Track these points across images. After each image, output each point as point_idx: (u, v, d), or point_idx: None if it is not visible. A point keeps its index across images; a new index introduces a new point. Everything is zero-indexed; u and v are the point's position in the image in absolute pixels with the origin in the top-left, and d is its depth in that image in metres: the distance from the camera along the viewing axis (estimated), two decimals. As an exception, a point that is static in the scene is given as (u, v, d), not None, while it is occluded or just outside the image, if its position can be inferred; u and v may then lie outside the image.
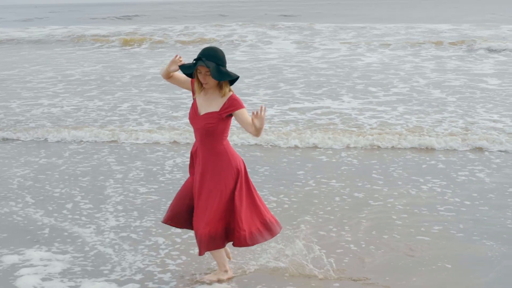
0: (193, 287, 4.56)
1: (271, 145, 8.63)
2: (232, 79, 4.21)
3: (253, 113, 4.10)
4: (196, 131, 4.33)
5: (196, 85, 4.29)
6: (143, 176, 7.40)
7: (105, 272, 4.84)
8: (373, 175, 7.20)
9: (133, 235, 5.57)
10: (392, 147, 8.36)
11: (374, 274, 4.64)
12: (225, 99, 4.22)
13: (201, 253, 4.38)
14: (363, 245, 5.21)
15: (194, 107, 4.34)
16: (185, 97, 12.33)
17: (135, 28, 32.33)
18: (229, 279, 4.57)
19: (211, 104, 4.26)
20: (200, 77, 4.21)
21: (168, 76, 4.45)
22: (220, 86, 4.23)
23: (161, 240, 5.45)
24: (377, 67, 16.45)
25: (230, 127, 4.43)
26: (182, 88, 4.53)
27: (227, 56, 4.32)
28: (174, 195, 6.46)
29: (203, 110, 4.28)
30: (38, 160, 8.21)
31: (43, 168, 7.81)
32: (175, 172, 7.55)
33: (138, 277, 4.76)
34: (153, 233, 5.63)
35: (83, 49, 23.83)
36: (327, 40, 23.42)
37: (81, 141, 9.19)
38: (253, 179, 7.07)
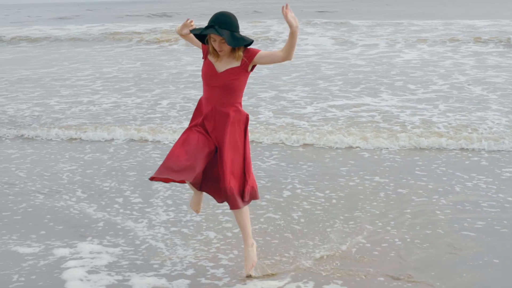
0: (246, 283, 4.56)
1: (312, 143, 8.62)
2: (248, 43, 4.20)
3: (283, 10, 4.10)
4: (213, 89, 4.32)
5: (210, 49, 4.28)
6: None
7: (155, 266, 4.89)
8: (416, 172, 7.20)
9: (184, 230, 5.63)
10: (438, 148, 8.26)
11: (417, 271, 4.62)
12: (240, 57, 4.24)
13: (240, 205, 4.44)
14: (408, 240, 5.22)
15: (209, 66, 4.33)
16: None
17: (172, 25, 32.55)
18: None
19: (229, 63, 4.29)
20: (215, 45, 4.20)
21: (180, 35, 4.65)
22: (234, 50, 4.25)
23: (212, 234, 5.51)
24: (416, 63, 16.30)
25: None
26: (193, 45, 4.60)
27: None
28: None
29: (221, 68, 4.29)
30: (83, 156, 8.36)
31: (89, 163, 7.95)
32: None
33: (189, 272, 4.78)
34: (204, 227, 5.69)
35: (121, 46, 24.11)
36: (365, 37, 23.27)
37: (125, 138, 9.31)
38: (297, 174, 7.28)
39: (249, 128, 4.58)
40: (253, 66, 4.31)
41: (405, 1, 61.60)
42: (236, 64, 4.26)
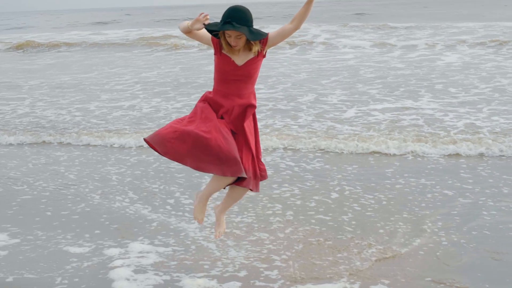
0: (301, 286, 4.56)
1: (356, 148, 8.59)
2: (266, 36, 4.25)
3: None
4: (233, 82, 4.33)
5: (224, 44, 4.26)
6: None
7: (206, 267, 4.94)
8: (461, 174, 7.18)
9: (236, 231, 5.70)
10: (481, 154, 8.12)
11: (461, 275, 4.60)
12: (257, 49, 4.30)
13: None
14: (455, 241, 5.24)
15: (227, 60, 4.31)
16: (264, 97, 12.47)
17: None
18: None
19: (247, 55, 4.32)
20: (230, 40, 4.18)
21: (187, 31, 4.34)
22: (248, 42, 4.26)
23: (264, 235, 5.56)
24: (457, 66, 16.12)
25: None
26: (200, 42, 4.46)
27: (302, 57, 4.42)
28: (268, 191, 6.78)
29: (241, 61, 4.31)
30: (129, 158, 8.52)
31: (136, 166, 8.09)
32: (268, 169, 7.65)
33: (242, 273, 4.81)
34: (256, 228, 5.75)
35: (160, 50, 24.40)
36: (404, 39, 23.11)
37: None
38: (343, 176, 7.33)
39: (290, 132, 4.66)
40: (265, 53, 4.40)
41: (443, 3, 60.95)
42: (254, 54, 4.32)
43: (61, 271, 4.93)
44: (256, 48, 4.27)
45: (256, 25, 4.28)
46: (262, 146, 8.53)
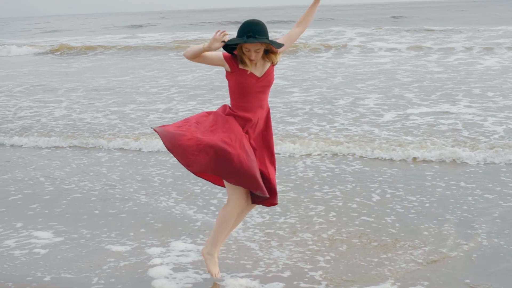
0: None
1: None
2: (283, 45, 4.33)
3: None
4: (255, 95, 4.37)
5: (242, 58, 4.29)
6: (277, 176, 7.66)
7: (248, 267, 4.98)
8: (501, 178, 7.16)
9: (280, 232, 5.74)
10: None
11: (499, 282, 4.55)
12: (276, 58, 4.39)
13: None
14: (495, 242, 5.25)
15: (246, 75, 4.33)
16: (300, 100, 12.51)
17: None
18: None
19: (264, 66, 4.40)
20: (250, 54, 4.22)
21: (197, 55, 4.32)
22: (265, 54, 4.35)
23: (307, 236, 5.61)
24: (495, 70, 15.95)
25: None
26: (209, 65, 4.47)
27: (338, 60, 4.47)
28: (310, 193, 6.86)
29: (260, 72, 4.39)
30: (169, 159, 8.62)
31: (176, 167, 8.18)
32: (308, 171, 7.82)
33: (285, 274, 4.83)
34: (299, 229, 5.80)
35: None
36: (441, 43, 22.92)
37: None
38: (382, 178, 7.37)
39: (328, 136, 4.69)
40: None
41: (480, 6, 60.18)
42: (269, 64, 4.41)
43: (98, 271, 4.99)
44: (278, 58, 4.39)
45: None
46: (300, 149, 8.62)
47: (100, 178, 7.93)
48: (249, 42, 4.14)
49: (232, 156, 4.19)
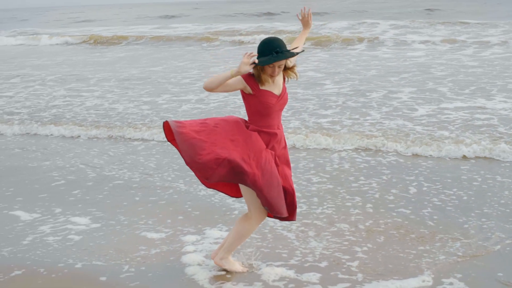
0: (385, 280, 4.57)
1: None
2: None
3: (301, 16, 4.49)
4: (277, 113, 4.40)
5: (261, 77, 4.28)
6: (313, 167, 7.74)
7: (284, 256, 5.02)
8: (540, 171, 7.13)
9: (317, 222, 5.80)
10: None
11: None
12: (294, 73, 4.46)
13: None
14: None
15: (269, 94, 4.34)
16: (333, 93, 12.49)
17: (281, 25, 32.74)
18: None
19: (279, 82, 4.43)
20: (272, 70, 4.22)
21: (223, 83, 4.25)
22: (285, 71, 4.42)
23: (344, 226, 5.65)
24: (534, 65, 15.69)
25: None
26: (228, 91, 4.36)
27: (372, 53, 4.47)
28: (346, 184, 6.93)
29: (278, 90, 4.42)
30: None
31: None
32: (343, 163, 7.87)
33: (323, 264, 4.87)
34: (336, 219, 5.85)
35: (228, 45, 24.65)
36: (476, 36, 22.57)
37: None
38: (418, 171, 7.36)
39: (362, 129, 4.68)
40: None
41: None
42: (281, 80, 4.45)
43: (128, 259, 5.07)
44: (295, 71, 4.46)
45: (322, 22, 4.38)
46: (333, 141, 8.62)
47: (137, 166, 8.07)
48: (282, 58, 4.18)
49: (247, 175, 4.21)
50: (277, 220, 5.80)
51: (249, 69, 4.21)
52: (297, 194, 6.53)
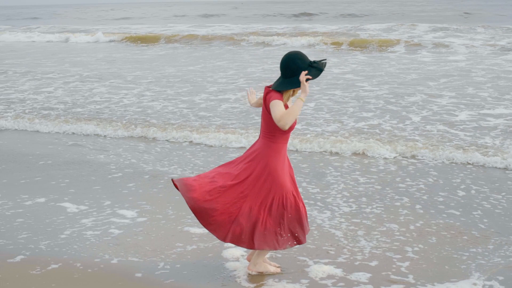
0: (439, 282, 4.56)
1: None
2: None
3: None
4: (290, 131, 4.34)
5: (289, 95, 4.32)
6: (358, 168, 7.82)
7: (331, 253, 5.06)
8: None
9: (366, 221, 5.85)
10: None
11: None
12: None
13: None
14: None
15: None
16: (372, 96, 12.45)
17: (316, 26, 32.73)
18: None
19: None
20: (307, 84, 4.17)
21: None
22: None
23: (394, 226, 5.69)
24: None
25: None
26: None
27: (411, 57, 4.40)
28: (393, 185, 7.00)
29: None
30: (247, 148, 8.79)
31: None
32: (389, 164, 7.93)
33: (373, 263, 4.88)
34: (385, 219, 5.90)
35: (268, 45, 24.72)
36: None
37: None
38: (463, 174, 7.37)
39: (402, 134, 4.58)
40: None
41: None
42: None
43: (164, 256, 5.08)
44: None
45: (355, 24, 4.34)
46: (375, 146, 8.55)
47: (187, 163, 8.19)
48: (324, 67, 4.22)
49: (259, 227, 4.33)
50: (326, 219, 5.94)
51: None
52: (345, 193, 6.71)
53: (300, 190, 6.72)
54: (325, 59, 4.30)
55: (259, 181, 4.31)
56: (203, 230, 5.54)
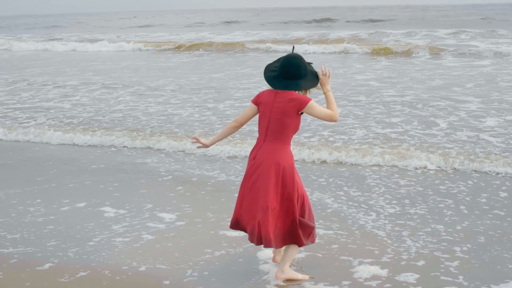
0: (492, 287, 4.53)
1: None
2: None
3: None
4: None
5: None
6: (396, 170, 7.91)
7: (376, 253, 5.08)
8: None
9: (410, 222, 5.90)
10: None
11: None
12: None
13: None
14: None
15: None
16: (398, 101, 12.43)
17: (342, 33, 32.55)
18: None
19: None
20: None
21: None
22: None
23: (440, 227, 5.74)
24: None
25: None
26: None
27: (437, 62, 4.37)
28: (433, 187, 7.09)
29: None
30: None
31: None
32: (428, 169, 7.94)
33: (420, 263, 4.89)
34: (430, 220, 5.95)
35: (287, 52, 24.66)
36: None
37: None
38: (499, 179, 7.35)
39: (432, 140, 4.56)
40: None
41: None
42: None
43: (192, 263, 5.05)
44: None
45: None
46: (406, 151, 8.54)
47: (229, 168, 8.26)
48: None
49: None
50: (370, 220, 5.98)
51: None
52: (387, 196, 6.76)
53: (341, 193, 6.95)
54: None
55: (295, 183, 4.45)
56: (235, 234, 5.56)
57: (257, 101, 4.51)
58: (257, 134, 4.59)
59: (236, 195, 6.58)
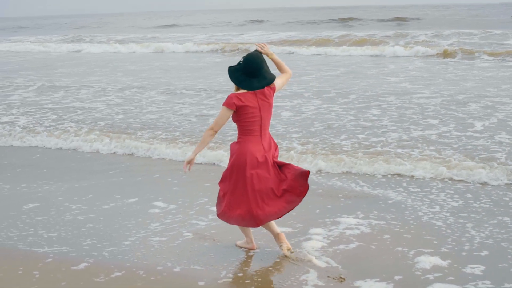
0: None
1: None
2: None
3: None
4: None
5: None
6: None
7: (435, 243, 5.01)
8: None
9: (474, 215, 5.80)
10: None
11: None
12: None
13: None
14: None
15: None
16: (432, 103, 12.21)
17: (364, 34, 32.20)
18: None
19: None
20: None
21: None
22: None
23: (506, 219, 5.63)
24: None
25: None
26: None
27: (470, 62, 4.21)
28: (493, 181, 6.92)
29: None
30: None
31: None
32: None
33: (483, 253, 4.80)
34: (496, 212, 5.86)
35: (319, 53, 24.56)
36: None
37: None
38: None
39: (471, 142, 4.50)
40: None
41: None
42: None
43: (226, 264, 4.98)
44: None
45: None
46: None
47: None
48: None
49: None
50: (431, 214, 5.90)
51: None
52: (448, 191, 6.67)
53: (400, 189, 6.90)
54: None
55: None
56: (287, 229, 5.57)
57: (238, 105, 4.62)
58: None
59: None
